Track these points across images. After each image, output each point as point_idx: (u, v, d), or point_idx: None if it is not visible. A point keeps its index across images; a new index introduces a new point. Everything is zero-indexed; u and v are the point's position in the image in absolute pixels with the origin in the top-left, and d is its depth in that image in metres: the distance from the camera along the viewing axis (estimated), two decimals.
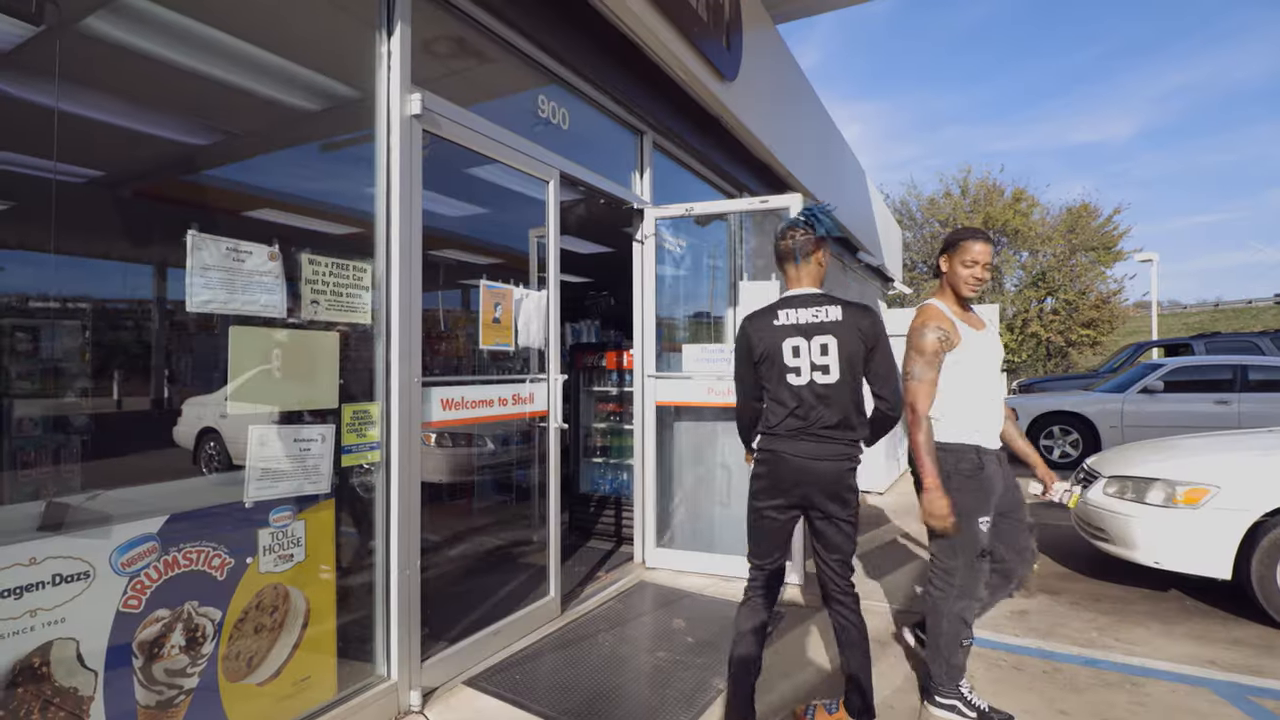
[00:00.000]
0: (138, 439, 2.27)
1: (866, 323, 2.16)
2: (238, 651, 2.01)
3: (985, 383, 2.49)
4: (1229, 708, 2.64)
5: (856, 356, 2.14)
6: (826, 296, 2.24)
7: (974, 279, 2.45)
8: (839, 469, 2.15)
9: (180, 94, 2.14)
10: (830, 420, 2.15)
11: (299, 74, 2.34)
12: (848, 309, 2.19)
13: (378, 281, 2.47)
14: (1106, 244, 26.95)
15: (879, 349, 2.17)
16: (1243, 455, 3.76)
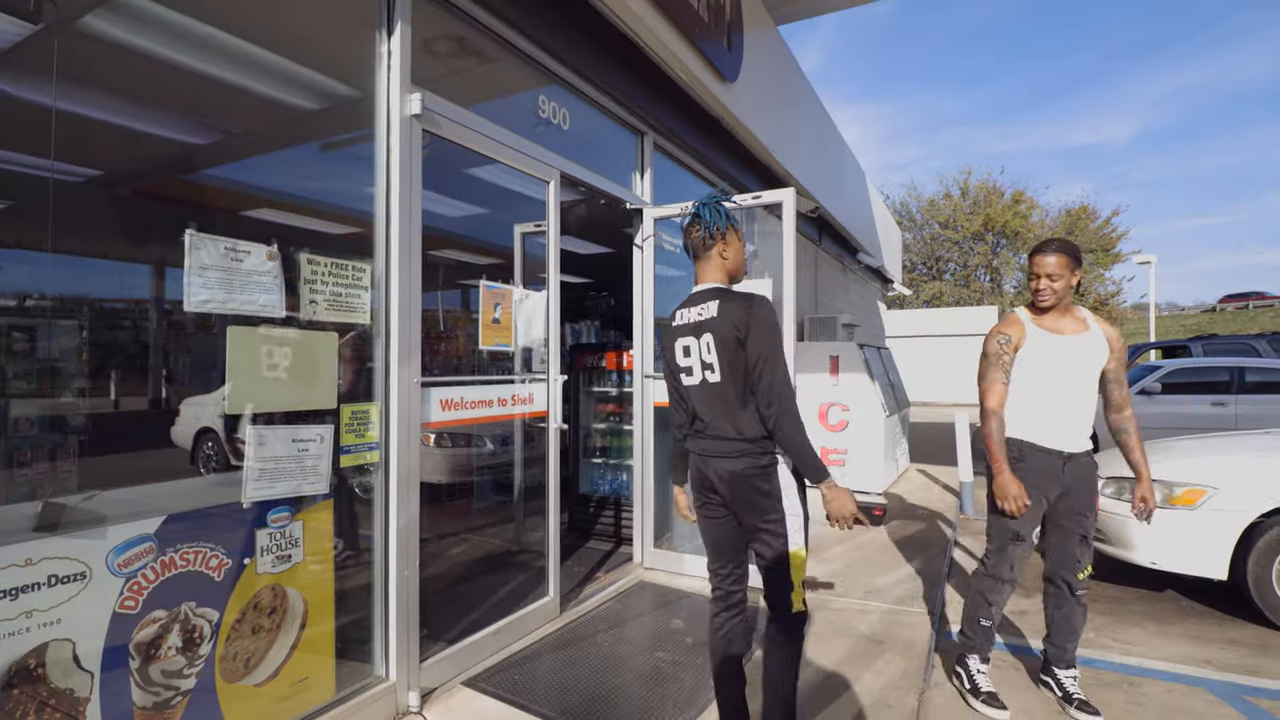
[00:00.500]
0: (135, 439, 2.26)
1: (740, 314, 1.97)
2: (235, 652, 2.01)
3: (1048, 383, 2.57)
4: (1225, 707, 2.64)
5: (735, 352, 1.98)
6: (713, 291, 2.09)
7: (1037, 290, 2.58)
8: (740, 469, 2.01)
9: (179, 93, 2.14)
10: (722, 420, 2.04)
11: (298, 73, 2.34)
12: (725, 302, 2.02)
13: (377, 281, 2.46)
14: (1105, 246, 27.04)
15: (751, 342, 1.95)
16: (1239, 457, 3.76)
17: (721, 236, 2.12)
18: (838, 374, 6.85)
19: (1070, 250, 2.57)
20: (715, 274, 2.15)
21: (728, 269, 2.15)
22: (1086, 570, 2.60)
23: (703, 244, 2.14)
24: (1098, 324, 2.61)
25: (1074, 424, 2.58)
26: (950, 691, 2.77)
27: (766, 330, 1.94)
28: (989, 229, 27.86)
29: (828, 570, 4.20)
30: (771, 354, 1.93)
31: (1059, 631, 2.67)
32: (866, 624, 3.35)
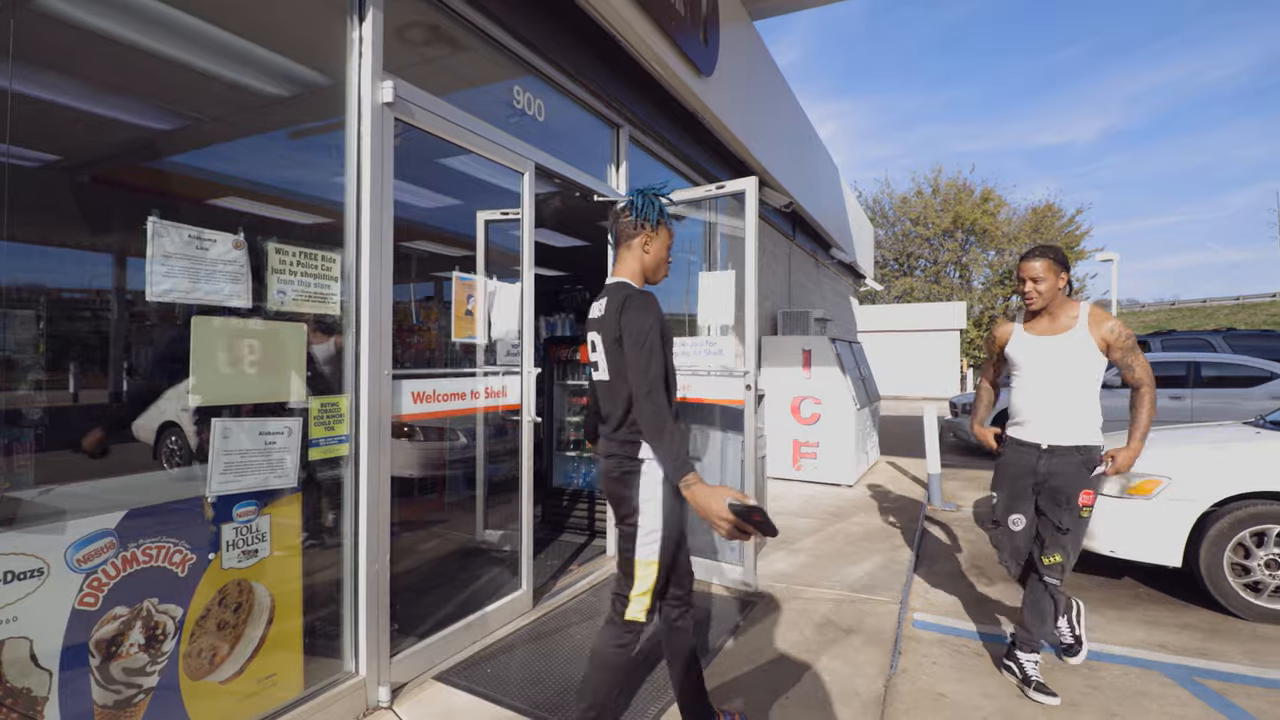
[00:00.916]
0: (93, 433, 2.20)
1: (615, 314, 1.96)
2: (200, 649, 1.97)
3: (1026, 380, 2.81)
4: (1178, 689, 2.75)
5: (616, 352, 1.98)
6: (614, 286, 2.06)
7: (1025, 294, 2.78)
8: (612, 470, 2.02)
9: (141, 77, 2.07)
10: (605, 418, 2.07)
11: (265, 58, 2.28)
12: (613, 298, 2.00)
13: (347, 272, 2.43)
14: (1069, 243, 27.72)
15: (625, 343, 1.92)
16: (1193, 448, 3.90)
17: (651, 229, 2.10)
18: (810, 368, 6.93)
19: (1054, 254, 2.73)
20: (630, 266, 2.12)
21: (644, 263, 2.12)
22: (1054, 558, 2.69)
23: (629, 231, 2.10)
24: (1091, 322, 2.68)
25: (1051, 418, 2.71)
26: (915, 678, 2.83)
27: (640, 333, 1.90)
28: (959, 226, 28.37)
29: (798, 561, 4.26)
30: (639, 355, 1.89)
31: (1027, 614, 2.76)
32: (835, 612, 3.41)
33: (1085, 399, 2.69)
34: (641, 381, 1.87)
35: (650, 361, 1.88)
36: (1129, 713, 2.57)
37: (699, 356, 4.02)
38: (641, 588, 1.99)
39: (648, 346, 1.89)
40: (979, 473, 7.88)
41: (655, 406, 1.85)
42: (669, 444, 1.85)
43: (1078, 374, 2.68)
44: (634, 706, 2.49)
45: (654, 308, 1.95)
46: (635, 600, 1.99)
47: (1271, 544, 3.45)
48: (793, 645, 3.03)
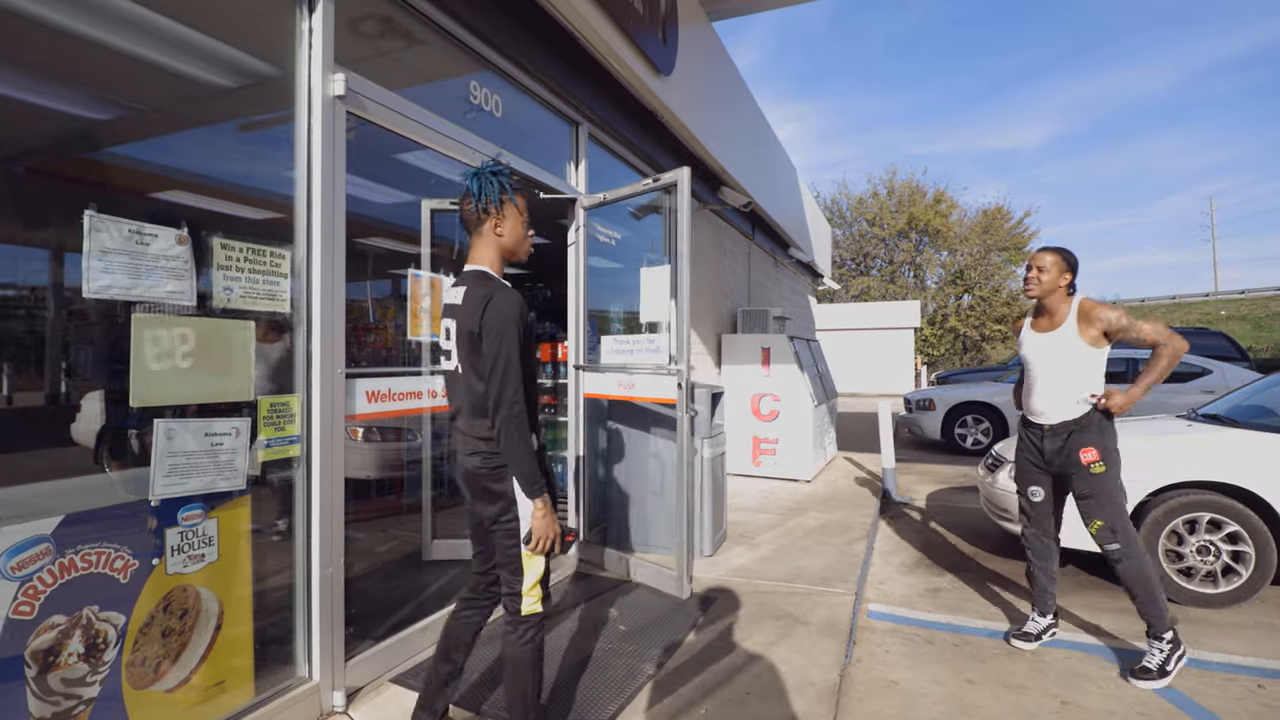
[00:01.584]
0: (30, 437, 2.11)
1: (476, 309, 1.87)
2: (144, 658, 1.91)
3: (1028, 370, 3.09)
4: (1116, 670, 2.88)
5: (472, 346, 1.90)
6: (471, 275, 1.98)
7: (1026, 279, 3.02)
8: (471, 465, 1.97)
9: (78, 64, 1.99)
10: (464, 413, 1.99)
11: (210, 47, 2.21)
12: (472, 287, 1.92)
13: (298, 269, 2.37)
14: (1018, 245, 28.69)
15: (485, 342, 1.86)
16: (1130, 441, 4.07)
17: (497, 210, 1.99)
18: (769, 365, 7.03)
19: (1065, 254, 2.97)
20: (486, 252, 2.02)
21: (502, 246, 2.03)
22: (1094, 525, 2.88)
23: (475, 218, 2.00)
24: (1080, 317, 2.88)
25: (1046, 402, 2.98)
26: (869, 667, 2.91)
27: (500, 330, 1.83)
28: (913, 227, 29.10)
29: (757, 555, 4.32)
30: (501, 356, 1.83)
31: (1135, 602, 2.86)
32: (793, 604, 3.47)
33: (1076, 386, 2.90)
34: (496, 389, 1.84)
35: (508, 372, 1.83)
36: (1071, 694, 2.68)
37: (640, 355, 4.00)
38: (531, 580, 1.97)
39: (506, 353, 1.83)
40: (932, 467, 8.11)
41: (510, 419, 1.84)
42: (522, 460, 1.86)
43: (1067, 366, 2.91)
44: (595, 704, 2.50)
45: (517, 308, 1.88)
46: (528, 594, 1.97)
47: (1202, 531, 3.64)
48: (751, 638, 3.08)
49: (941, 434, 9.34)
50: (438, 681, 2.16)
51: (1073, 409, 2.92)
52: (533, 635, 1.98)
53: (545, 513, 1.90)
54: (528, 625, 1.98)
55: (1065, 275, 2.93)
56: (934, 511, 5.85)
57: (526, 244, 2.10)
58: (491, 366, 1.85)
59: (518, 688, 1.98)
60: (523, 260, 2.13)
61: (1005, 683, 2.77)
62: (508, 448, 1.86)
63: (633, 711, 2.46)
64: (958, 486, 6.92)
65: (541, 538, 1.90)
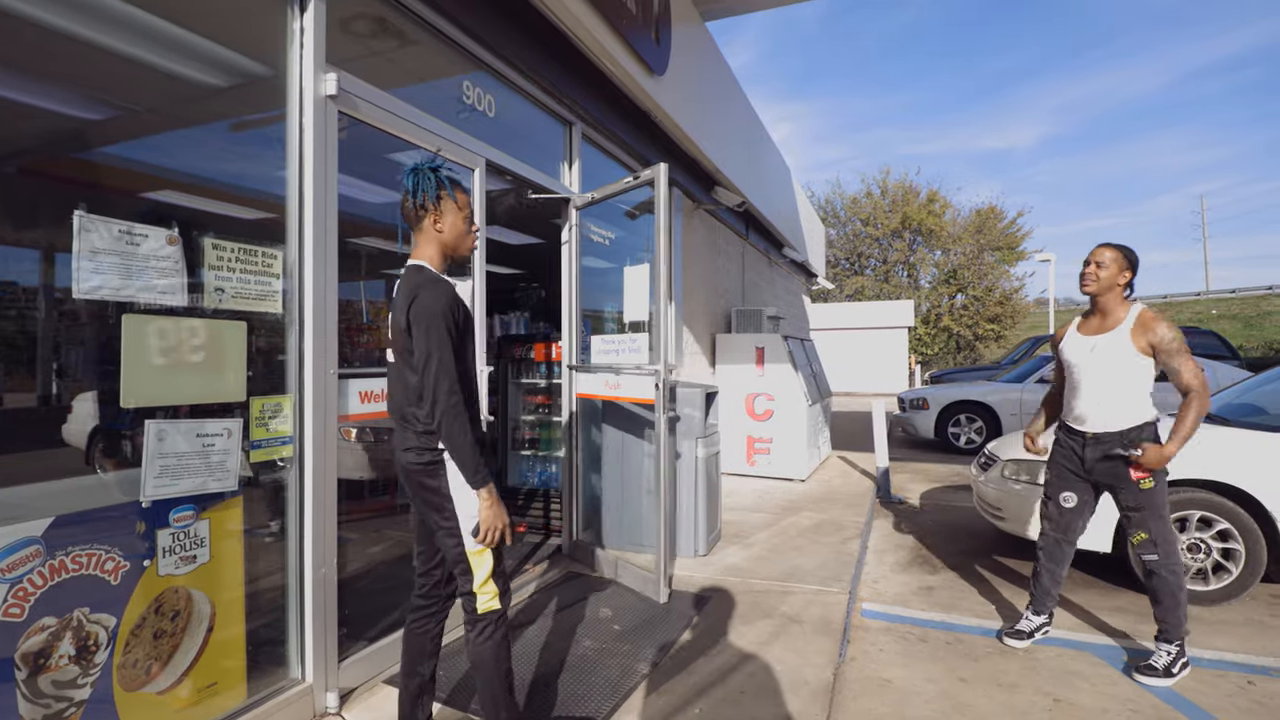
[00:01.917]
0: (21, 438, 2.09)
1: (405, 301, 1.87)
2: (135, 660, 1.90)
3: (1071, 375, 2.97)
4: (1108, 668, 2.90)
5: (404, 339, 1.89)
6: (410, 269, 1.97)
7: (1083, 274, 2.89)
8: (409, 462, 1.95)
9: (70, 65, 1.98)
10: (399, 407, 1.98)
11: (201, 47, 2.20)
12: (405, 283, 1.92)
13: (290, 269, 2.36)
14: (1010, 244, 28.80)
15: (415, 335, 1.84)
16: None
17: (435, 206, 1.97)
18: (763, 365, 7.04)
19: (1124, 250, 2.83)
20: (427, 249, 2.01)
21: (443, 242, 2.01)
22: (1139, 536, 2.83)
23: (414, 215, 1.98)
24: (1136, 325, 2.75)
25: (1091, 410, 2.87)
26: (863, 665, 2.92)
27: (428, 323, 1.82)
28: (906, 226, 29.18)
29: (751, 554, 4.33)
30: (431, 349, 1.81)
31: (1154, 607, 2.85)
32: (787, 603, 3.48)
33: (1125, 393, 2.79)
34: (431, 382, 1.82)
35: (440, 365, 1.81)
36: (1063, 692, 2.70)
37: (625, 354, 4.00)
38: (482, 576, 1.95)
39: (436, 346, 1.81)
40: (926, 466, 8.14)
41: (448, 410, 1.81)
42: (464, 451, 1.84)
43: (1116, 372, 2.79)
44: (589, 703, 2.50)
45: (443, 301, 1.84)
46: (481, 591, 1.95)
47: (1192, 529, 3.67)
48: (745, 637, 3.08)
49: (935, 433, 9.37)
50: (409, 697, 2.12)
51: (1118, 418, 2.81)
52: (491, 632, 1.95)
53: (491, 502, 1.88)
54: (485, 623, 1.95)
55: (1125, 273, 2.80)
56: (927, 510, 5.87)
57: (469, 240, 2.07)
58: (424, 360, 1.83)
59: (486, 690, 1.97)
60: (466, 257, 2.10)
61: (998, 681, 2.78)
62: (448, 439, 1.84)
63: (627, 710, 2.46)
64: (951, 485, 6.95)
65: (489, 529, 1.89)
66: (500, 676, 1.97)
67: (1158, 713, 2.54)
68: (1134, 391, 2.80)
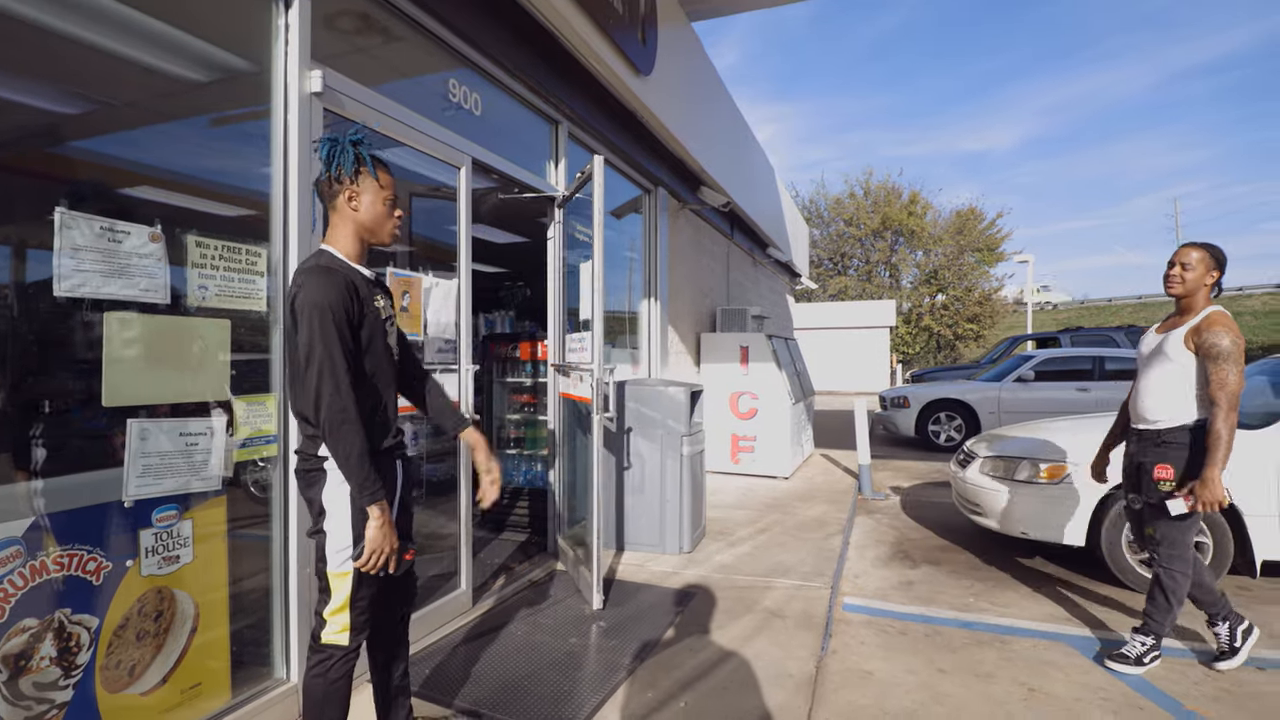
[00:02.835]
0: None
1: (290, 293, 1.71)
2: (118, 661, 1.89)
3: (1139, 372, 2.96)
4: (1080, 658, 2.97)
5: (288, 332, 1.72)
6: (312, 254, 1.83)
7: (1169, 275, 2.83)
8: (297, 467, 1.82)
9: (47, 58, 1.95)
10: (294, 408, 1.82)
11: (185, 42, 2.18)
12: (299, 272, 1.75)
13: (274, 267, 2.35)
14: (990, 245, 29.18)
15: (299, 332, 1.67)
16: (1094, 436, 4.17)
17: (351, 181, 1.79)
18: (748, 364, 7.09)
19: (1211, 249, 2.76)
20: (340, 229, 1.83)
21: (359, 222, 1.82)
22: (1149, 529, 2.87)
23: (328, 189, 1.81)
24: (1202, 323, 2.68)
25: (1142, 407, 2.87)
26: (845, 658, 2.96)
27: (310, 317, 1.63)
28: (887, 227, 29.46)
29: (735, 551, 4.37)
30: (314, 346, 1.63)
31: (1149, 594, 2.90)
32: (770, 598, 3.52)
33: (1167, 390, 2.76)
34: (313, 384, 1.64)
35: (326, 364, 1.63)
36: (1038, 681, 2.76)
37: (576, 354, 3.98)
38: (337, 603, 1.76)
39: (321, 343, 1.63)
40: (907, 463, 8.25)
41: (332, 416, 1.63)
42: (350, 461, 1.65)
43: (1163, 369, 2.77)
44: (574, 699, 2.52)
45: (330, 293, 1.65)
46: (331, 619, 1.77)
47: None
48: (729, 632, 3.12)
49: (915, 431, 9.49)
50: (385, 697, 2.07)
51: (1157, 414, 2.79)
52: (327, 669, 1.77)
53: (382, 523, 1.68)
54: (323, 656, 1.77)
55: (1212, 273, 2.73)
56: (908, 506, 5.95)
57: (390, 224, 1.89)
58: (306, 358, 1.64)
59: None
60: (387, 244, 1.92)
61: (975, 671, 2.84)
62: (334, 448, 1.66)
63: (613, 706, 2.48)
64: (931, 482, 7.05)
65: (374, 551, 1.68)
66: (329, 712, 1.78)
67: (1128, 700, 2.61)
68: (1177, 389, 2.73)
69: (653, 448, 4.30)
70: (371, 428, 1.75)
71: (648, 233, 6.35)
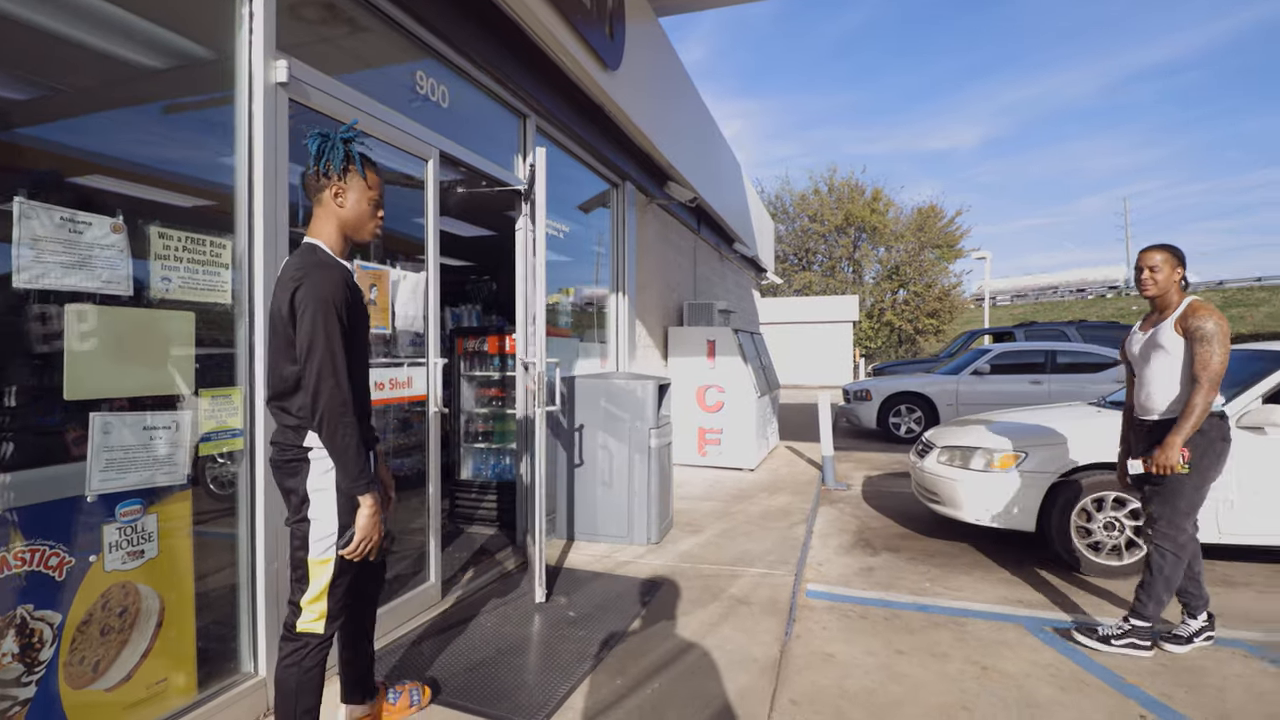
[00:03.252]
0: None
1: (289, 288, 1.73)
2: (82, 657, 1.86)
3: (1133, 372, 3.10)
4: (1031, 637, 3.13)
5: (279, 320, 1.75)
6: (301, 248, 1.86)
7: (1140, 280, 2.98)
8: (276, 457, 1.83)
9: (2, 43, 1.90)
10: (271, 398, 1.84)
11: (145, 29, 2.14)
12: (293, 260, 1.80)
13: (239, 259, 2.33)
14: (950, 242, 29.92)
15: (299, 326, 1.71)
16: (1044, 427, 4.39)
17: (339, 177, 1.84)
18: (714, 357, 7.19)
19: (1171, 249, 2.93)
20: (325, 224, 1.86)
21: (343, 219, 1.87)
22: (1148, 509, 2.95)
23: (315, 184, 1.85)
24: (1185, 312, 2.83)
25: (1146, 400, 2.97)
26: (808, 642, 3.06)
27: (314, 310, 1.69)
28: (851, 223, 29.98)
29: (702, 541, 4.45)
30: (315, 339, 1.69)
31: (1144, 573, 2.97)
32: (736, 586, 3.61)
33: (1167, 379, 2.88)
34: (314, 376, 1.69)
35: (327, 357, 1.69)
36: (990, 660, 2.90)
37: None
38: (315, 591, 1.80)
39: (323, 337, 1.69)
40: (869, 455, 8.46)
41: (332, 408, 1.70)
42: (347, 453, 1.73)
43: (1160, 359, 2.88)
44: (544, 687, 2.56)
45: (333, 289, 1.72)
46: (308, 607, 1.81)
47: (1109, 508, 3.95)
48: (696, 619, 3.19)
49: (877, 423, 9.73)
50: (357, 671, 2.19)
51: (1162, 403, 2.91)
52: (301, 658, 1.81)
53: (373, 512, 1.78)
54: (299, 645, 1.81)
55: (1178, 270, 2.90)
56: (869, 496, 6.12)
57: (372, 224, 1.93)
58: (307, 351, 1.69)
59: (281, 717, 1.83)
60: (366, 242, 1.96)
61: (932, 652, 2.96)
62: (330, 438, 1.72)
63: (582, 693, 2.53)
64: (892, 472, 7.25)
65: (364, 539, 1.78)
66: (297, 711, 1.81)
67: (1074, 675, 2.76)
68: (1176, 379, 2.86)
69: (621, 441, 4.34)
70: (359, 418, 1.81)
71: (615, 227, 6.38)
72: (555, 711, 2.40)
